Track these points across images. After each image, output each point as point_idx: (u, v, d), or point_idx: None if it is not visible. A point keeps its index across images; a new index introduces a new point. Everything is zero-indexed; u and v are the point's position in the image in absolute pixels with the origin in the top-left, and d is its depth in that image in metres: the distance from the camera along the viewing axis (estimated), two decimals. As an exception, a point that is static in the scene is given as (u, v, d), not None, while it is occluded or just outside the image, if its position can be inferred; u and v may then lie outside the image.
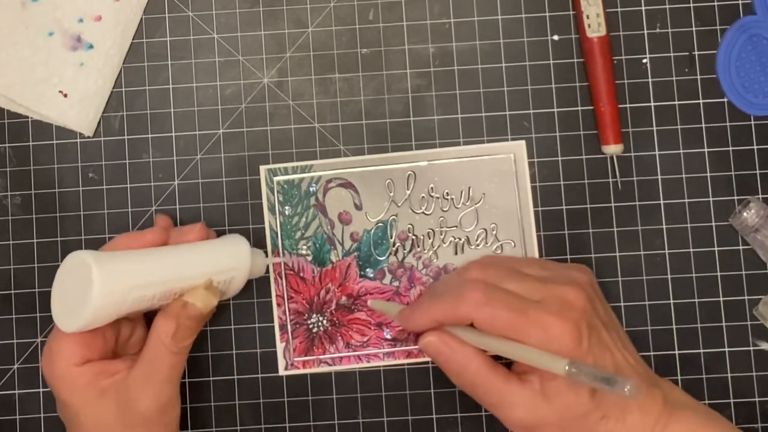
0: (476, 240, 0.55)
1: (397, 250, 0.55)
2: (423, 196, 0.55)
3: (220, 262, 0.50)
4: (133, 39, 0.56)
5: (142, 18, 0.56)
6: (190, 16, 0.57)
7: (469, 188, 0.55)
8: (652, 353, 0.55)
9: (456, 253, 0.55)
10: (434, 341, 0.48)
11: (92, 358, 0.48)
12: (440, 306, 0.48)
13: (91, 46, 0.56)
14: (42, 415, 0.55)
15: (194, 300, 0.48)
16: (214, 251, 0.50)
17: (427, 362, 0.55)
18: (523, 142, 0.55)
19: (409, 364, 0.55)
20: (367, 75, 0.56)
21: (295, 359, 0.55)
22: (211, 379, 0.55)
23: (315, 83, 0.56)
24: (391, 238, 0.55)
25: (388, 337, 0.55)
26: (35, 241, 0.56)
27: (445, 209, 0.55)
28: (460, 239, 0.55)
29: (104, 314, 0.45)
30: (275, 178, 0.55)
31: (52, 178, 0.56)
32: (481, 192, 0.55)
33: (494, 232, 0.55)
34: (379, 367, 0.55)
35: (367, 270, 0.55)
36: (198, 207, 0.56)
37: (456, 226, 0.55)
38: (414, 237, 0.55)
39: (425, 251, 0.55)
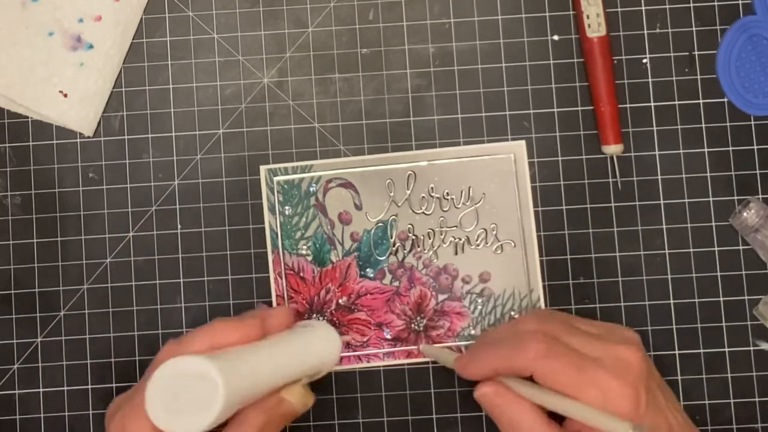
0: (476, 240, 0.55)
1: (397, 250, 0.55)
2: (423, 196, 0.55)
3: (317, 358, 0.49)
4: (133, 39, 0.56)
5: (142, 18, 0.56)
6: (190, 16, 0.57)
7: (469, 188, 0.55)
8: (652, 353, 0.54)
9: (456, 253, 0.55)
10: (489, 393, 0.46)
11: None
12: (499, 355, 0.46)
13: (91, 46, 0.56)
14: (42, 415, 0.55)
15: (291, 398, 0.47)
16: (312, 346, 0.49)
17: (427, 362, 0.55)
18: (523, 142, 0.55)
19: (409, 364, 0.55)
20: (367, 75, 0.56)
21: None
22: None
23: (315, 83, 0.56)
24: (392, 238, 0.55)
25: (388, 337, 0.55)
26: (35, 241, 0.56)
27: (445, 209, 0.55)
28: (460, 239, 0.55)
29: (218, 423, 0.43)
30: (275, 178, 0.55)
31: (52, 178, 0.56)
32: (481, 192, 0.55)
33: (494, 232, 0.55)
34: (379, 367, 0.55)
35: (368, 270, 0.55)
36: (198, 207, 0.56)
37: (456, 226, 0.55)
38: (414, 237, 0.55)
39: (425, 251, 0.55)
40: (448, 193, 0.55)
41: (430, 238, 0.55)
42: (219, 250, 0.56)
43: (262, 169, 0.56)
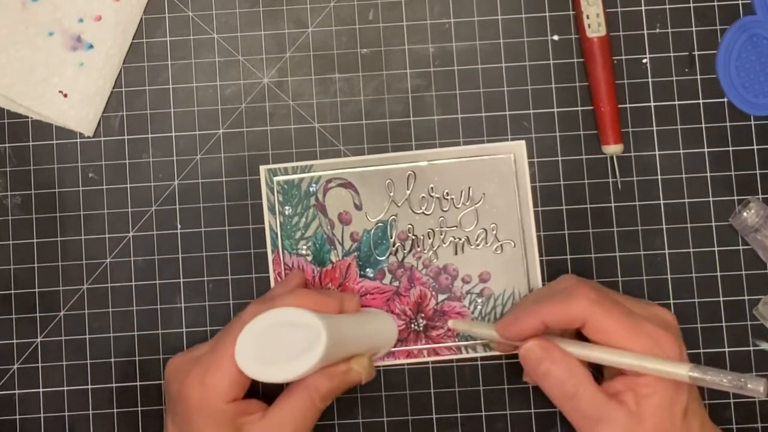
0: (476, 240, 0.55)
1: (397, 250, 0.55)
2: (423, 196, 0.55)
3: (382, 337, 0.53)
4: (133, 39, 0.56)
5: (142, 18, 0.56)
6: (190, 16, 0.57)
7: (469, 188, 0.55)
8: None
9: (456, 253, 0.55)
10: (536, 349, 0.47)
11: (239, 398, 0.48)
12: (549, 306, 0.47)
13: (91, 46, 0.56)
14: (42, 415, 0.55)
15: (360, 367, 0.49)
16: (381, 326, 0.53)
17: (427, 362, 0.55)
18: (523, 142, 0.55)
19: (409, 364, 0.55)
20: (367, 75, 0.56)
21: None
22: None
23: (315, 83, 0.56)
24: (391, 238, 0.55)
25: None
26: (35, 241, 0.56)
27: (445, 209, 0.55)
28: (460, 239, 0.55)
29: (307, 374, 0.45)
30: (275, 178, 0.55)
31: (52, 178, 0.56)
32: (481, 192, 0.55)
33: (494, 232, 0.55)
34: (380, 367, 0.55)
35: (367, 270, 0.55)
36: (198, 207, 0.56)
37: (456, 226, 0.55)
38: (414, 237, 0.55)
39: (425, 251, 0.55)
40: (448, 193, 0.55)
41: (429, 238, 0.55)
42: (219, 250, 0.56)
43: (262, 169, 0.55)
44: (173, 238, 0.56)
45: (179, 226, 0.56)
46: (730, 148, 0.55)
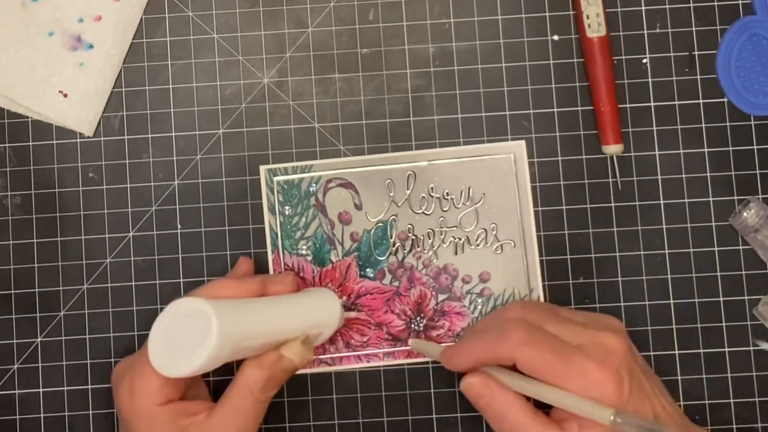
0: (476, 240, 0.55)
1: (397, 250, 0.55)
2: (423, 196, 0.55)
3: (315, 317, 0.51)
4: (133, 39, 0.56)
5: (142, 18, 0.56)
6: (190, 16, 0.56)
7: (469, 188, 0.55)
8: (652, 353, 0.54)
9: (456, 253, 0.55)
10: (475, 383, 0.47)
11: (174, 399, 0.48)
12: (482, 344, 0.47)
13: (91, 46, 0.56)
14: (42, 415, 0.55)
15: (291, 354, 0.48)
16: (311, 306, 0.51)
17: (427, 362, 0.55)
18: (522, 142, 0.55)
19: (409, 364, 0.55)
20: (367, 75, 0.56)
21: None
22: (211, 379, 0.55)
23: (315, 83, 0.56)
24: (391, 238, 0.55)
25: (389, 337, 0.55)
26: (35, 241, 0.56)
27: (445, 209, 0.55)
28: (460, 239, 0.55)
29: (212, 363, 0.45)
30: (275, 178, 0.55)
31: (52, 178, 0.56)
32: (481, 192, 0.55)
33: (494, 232, 0.55)
34: (379, 367, 0.55)
35: (367, 270, 0.55)
36: (198, 207, 0.56)
37: (456, 226, 0.55)
38: (414, 237, 0.55)
39: (425, 251, 0.55)
40: (448, 193, 0.55)
41: (430, 238, 0.55)
42: (219, 250, 0.55)
43: (262, 169, 0.55)
44: (173, 238, 0.56)
45: (179, 226, 0.56)
46: (730, 148, 0.55)
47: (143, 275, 0.56)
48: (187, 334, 0.45)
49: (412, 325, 0.55)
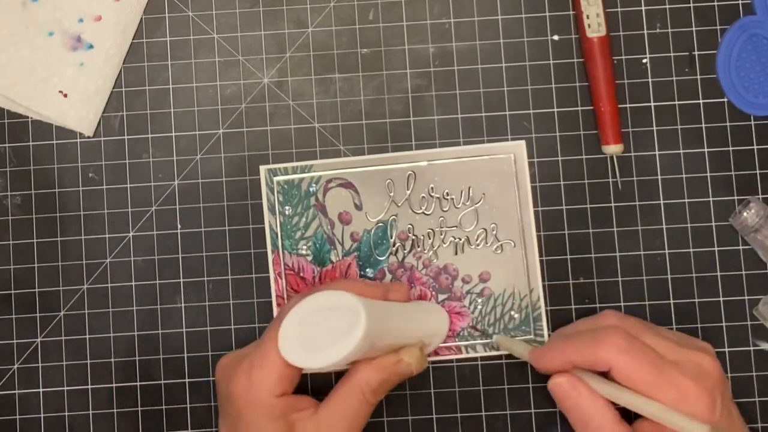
0: (476, 240, 0.55)
1: (397, 250, 0.55)
2: (423, 196, 0.55)
3: (432, 327, 0.52)
4: (133, 39, 0.56)
5: (142, 18, 0.56)
6: (190, 16, 0.56)
7: (469, 188, 0.55)
8: None
9: (456, 253, 0.55)
10: (564, 384, 0.46)
11: (288, 392, 0.48)
12: (576, 347, 0.46)
13: (91, 46, 0.56)
14: (42, 415, 0.55)
15: (410, 358, 0.48)
16: (429, 315, 0.53)
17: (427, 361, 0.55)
18: (522, 143, 0.55)
19: None
20: (367, 75, 0.56)
21: None
22: (211, 379, 0.55)
23: (315, 83, 0.56)
24: (391, 238, 0.55)
25: None
26: (35, 241, 0.56)
27: (445, 209, 0.55)
28: (460, 239, 0.55)
29: (350, 358, 0.44)
30: (275, 178, 0.55)
31: (52, 178, 0.56)
32: (481, 192, 0.55)
33: (494, 232, 0.55)
34: None
35: (367, 270, 0.55)
36: (198, 207, 0.56)
37: (456, 226, 0.55)
38: (414, 237, 0.55)
39: (425, 251, 0.55)
40: (448, 193, 0.55)
41: (430, 238, 0.55)
42: (219, 250, 0.55)
43: (262, 169, 0.55)
44: (173, 238, 0.56)
45: (179, 226, 0.56)
46: (730, 148, 0.55)
47: (143, 275, 0.55)
48: (329, 327, 0.44)
49: None
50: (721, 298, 0.55)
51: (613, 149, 0.55)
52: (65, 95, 0.55)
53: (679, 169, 0.55)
